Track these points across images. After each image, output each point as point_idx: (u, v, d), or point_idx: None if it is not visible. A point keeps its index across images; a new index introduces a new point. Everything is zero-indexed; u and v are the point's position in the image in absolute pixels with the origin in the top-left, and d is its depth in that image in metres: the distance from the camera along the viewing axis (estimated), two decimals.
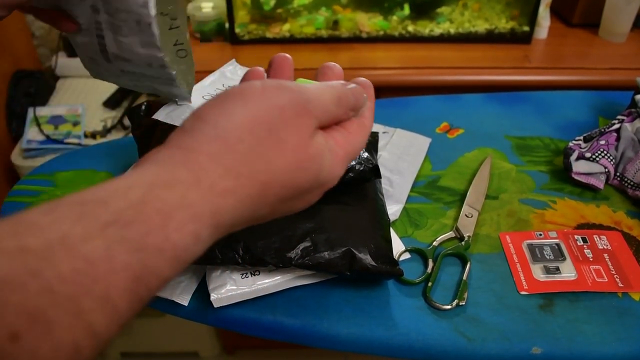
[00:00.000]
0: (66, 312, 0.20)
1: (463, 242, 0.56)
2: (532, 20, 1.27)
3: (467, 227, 0.58)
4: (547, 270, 0.53)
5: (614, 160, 0.64)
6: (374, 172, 0.58)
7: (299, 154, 0.30)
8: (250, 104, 0.29)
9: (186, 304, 0.50)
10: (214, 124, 0.29)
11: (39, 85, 1.31)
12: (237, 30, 1.28)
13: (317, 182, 0.32)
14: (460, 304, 0.50)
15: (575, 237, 0.57)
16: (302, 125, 0.31)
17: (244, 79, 0.37)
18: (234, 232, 0.51)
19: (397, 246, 0.56)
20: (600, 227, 0.59)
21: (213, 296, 0.48)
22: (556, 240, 0.57)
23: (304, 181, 0.31)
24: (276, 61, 0.39)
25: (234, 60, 0.67)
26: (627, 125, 0.66)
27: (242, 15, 1.30)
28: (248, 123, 0.29)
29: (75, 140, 1.19)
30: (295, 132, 0.30)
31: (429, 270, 0.53)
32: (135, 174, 0.26)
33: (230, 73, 0.64)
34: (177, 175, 0.26)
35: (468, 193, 0.63)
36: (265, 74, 0.38)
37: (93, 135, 1.22)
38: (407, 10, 1.31)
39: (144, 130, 0.60)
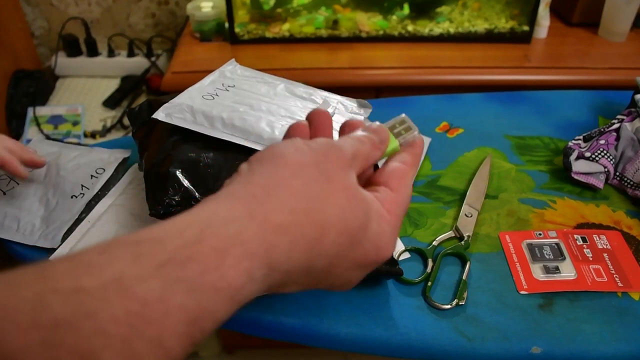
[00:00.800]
0: (118, 354, 0.21)
1: (463, 242, 0.56)
2: (532, 20, 1.27)
3: (466, 226, 0.58)
4: (547, 270, 0.53)
5: (613, 160, 0.64)
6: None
7: (348, 193, 0.30)
8: (298, 150, 0.31)
9: None
10: (269, 163, 0.29)
11: (38, 85, 1.31)
12: (236, 29, 1.28)
13: (370, 237, 0.31)
14: (460, 303, 0.50)
15: (575, 236, 0.57)
16: (347, 170, 0.31)
17: (288, 133, 0.37)
18: None
19: (397, 246, 0.56)
20: (599, 226, 0.59)
21: None
22: (556, 240, 0.57)
23: (356, 227, 0.30)
24: (316, 119, 0.38)
25: (233, 60, 0.67)
26: (626, 124, 0.66)
27: (241, 14, 1.30)
28: (300, 164, 0.30)
29: (75, 140, 1.19)
30: (342, 172, 0.31)
31: (428, 269, 0.53)
32: (194, 212, 0.26)
33: (230, 73, 0.64)
34: (233, 210, 0.26)
35: (468, 192, 0.63)
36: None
37: (93, 135, 1.22)
38: (406, 9, 1.31)
39: (143, 130, 0.60)
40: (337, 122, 0.57)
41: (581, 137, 0.68)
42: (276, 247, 0.26)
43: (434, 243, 0.56)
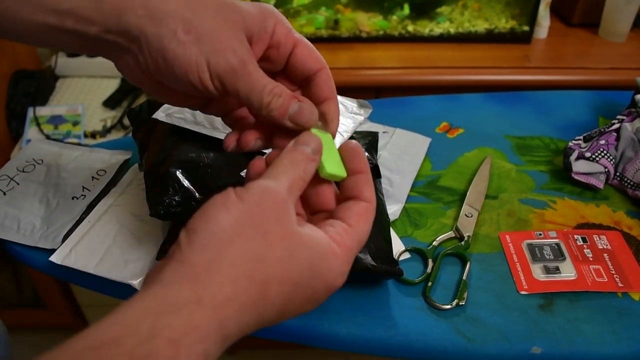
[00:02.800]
0: None
1: (463, 242, 0.56)
2: (532, 20, 1.27)
3: (466, 226, 0.58)
4: (547, 270, 0.53)
5: (613, 160, 0.64)
6: (374, 171, 0.58)
7: (286, 242, 0.31)
8: (230, 208, 0.30)
9: None
10: (204, 233, 0.30)
11: (38, 85, 1.31)
12: None
13: (317, 276, 0.32)
14: (460, 303, 0.50)
15: (575, 236, 0.57)
16: (283, 215, 0.31)
17: (248, 171, 0.37)
18: None
19: (397, 246, 0.56)
20: (600, 226, 0.59)
21: None
22: (556, 240, 0.57)
23: (298, 273, 0.31)
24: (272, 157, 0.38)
25: None
26: (627, 125, 0.66)
27: None
28: (234, 226, 0.30)
29: (75, 140, 1.19)
30: (278, 222, 0.31)
31: (428, 270, 0.53)
32: (144, 300, 0.27)
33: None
34: (181, 295, 0.27)
35: (468, 193, 0.63)
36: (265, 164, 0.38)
37: (93, 135, 1.22)
38: (407, 10, 1.31)
39: (143, 130, 0.60)
40: None
41: (581, 137, 0.68)
42: (226, 319, 0.28)
43: (434, 243, 0.56)
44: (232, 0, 0.37)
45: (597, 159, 0.63)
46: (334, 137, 0.40)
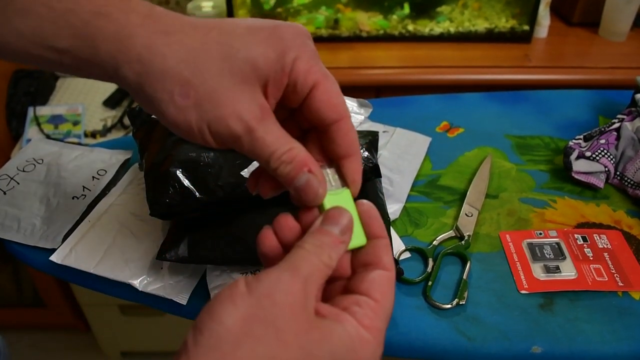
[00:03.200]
0: None
1: (463, 242, 0.56)
2: (532, 20, 1.27)
3: (467, 226, 0.58)
4: (547, 270, 0.53)
5: (614, 160, 0.64)
6: (374, 171, 0.58)
7: (302, 340, 0.28)
8: (239, 304, 0.28)
9: (185, 303, 0.50)
10: (209, 334, 0.27)
11: (39, 84, 1.31)
12: None
13: None
14: (461, 303, 0.50)
15: (576, 236, 0.57)
16: (299, 310, 0.28)
17: (260, 243, 0.34)
18: (233, 231, 0.51)
19: (397, 245, 0.56)
20: (600, 226, 0.59)
21: (214, 296, 0.48)
22: (556, 239, 0.57)
23: None
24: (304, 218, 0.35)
25: None
26: (627, 124, 0.66)
27: (242, 14, 1.30)
28: (242, 324, 0.27)
29: (75, 140, 1.19)
30: (293, 318, 0.28)
31: (429, 269, 0.53)
32: None
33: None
34: None
35: (468, 192, 0.63)
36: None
37: (93, 135, 1.22)
38: (407, 9, 1.31)
39: (144, 129, 0.60)
40: None
41: (581, 136, 0.68)
42: None
43: (434, 243, 0.56)
44: (244, 42, 0.33)
45: (598, 158, 0.63)
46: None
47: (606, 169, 0.63)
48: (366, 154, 0.59)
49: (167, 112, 0.32)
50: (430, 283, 0.51)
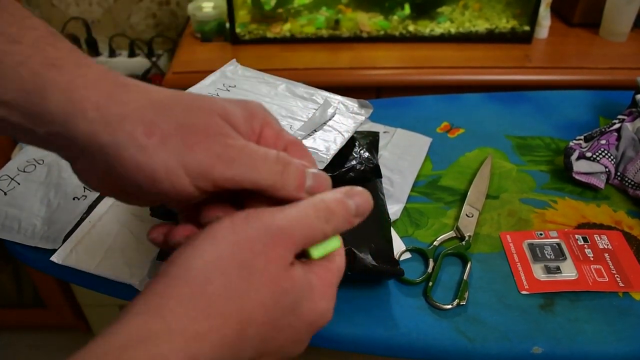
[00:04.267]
0: None
1: (464, 242, 0.56)
2: (533, 20, 1.27)
3: (467, 226, 0.58)
4: (548, 270, 0.53)
5: (614, 160, 0.64)
6: (375, 171, 0.58)
7: (274, 287, 0.28)
8: (219, 241, 0.28)
9: None
10: (184, 267, 0.28)
11: None
12: (237, 30, 1.28)
13: (300, 317, 0.30)
14: (461, 303, 0.50)
15: (576, 236, 0.57)
16: (275, 257, 0.29)
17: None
18: None
19: (398, 246, 0.56)
20: (600, 226, 0.59)
21: None
22: (557, 240, 0.57)
23: (280, 316, 0.29)
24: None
25: (234, 60, 0.67)
26: (627, 124, 0.66)
27: (242, 15, 1.30)
28: (217, 262, 0.28)
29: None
30: (269, 266, 0.28)
31: (429, 270, 0.53)
32: (111, 334, 0.25)
33: (231, 73, 0.64)
34: (150, 326, 0.26)
35: (469, 193, 0.63)
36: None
37: None
38: (407, 10, 1.31)
39: None
40: (337, 123, 0.57)
41: (582, 137, 0.68)
42: (197, 353, 0.26)
43: (434, 243, 0.56)
44: (212, 98, 0.32)
45: (598, 158, 0.63)
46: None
47: (607, 170, 0.63)
48: (367, 154, 0.59)
49: (128, 154, 0.28)
50: (430, 283, 0.51)
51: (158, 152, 0.29)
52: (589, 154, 0.64)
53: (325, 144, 0.53)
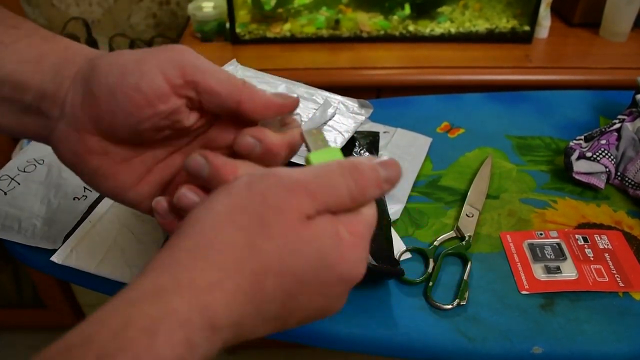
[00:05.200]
0: None
1: (464, 242, 0.56)
2: (533, 20, 1.27)
3: (467, 226, 0.58)
4: (548, 270, 0.53)
5: (614, 160, 0.64)
6: None
7: (288, 236, 0.28)
8: (233, 194, 0.28)
9: None
10: (195, 220, 0.28)
11: None
12: (237, 30, 1.28)
13: (327, 269, 0.29)
14: (461, 303, 0.50)
15: (576, 236, 0.57)
16: (289, 208, 0.28)
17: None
18: None
19: (398, 246, 0.56)
20: (601, 226, 0.59)
21: None
22: (557, 240, 0.57)
23: (301, 268, 0.28)
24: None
25: (234, 60, 0.67)
26: (627, 124, 0.66)
27: (242, 15, 1.30)
28: (229, 213, 0.27)
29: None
30: (281, 216, 0.28)
31: (429, 269, 0.53)
32: (123, 292, 0.25)
33: (231, 73, 0.64)
34: (160, 281, 0.25)
35: (469, 193, 0.63)
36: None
37: None
38: (407, 9, 1.31)
39: None
40: (337, 123, 0.57)
41: (582, 137, 0.68)
42: (210, 305, 0.25)
43: (435, 243, 0.56)
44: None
45: (598, 158, 0.63)
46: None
47: (607, 170, 0.63)
48: (367, 154, 0.59)
49: (102, 62, 0.33)
50: (431, 283, 0.51)
51: (130, 54, 0.33)
52: (589, 154, 0.64)
53: None
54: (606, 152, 0.64)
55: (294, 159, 0.49)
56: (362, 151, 0.59)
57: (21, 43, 0.34)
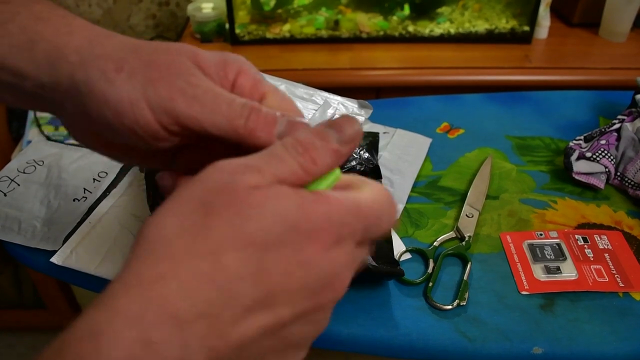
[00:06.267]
0: None
1: (464, 242, 0.56)
2: (533, 20, 1.27)
3: (467, 227, 0.58)
4: (548, 270, 0.53)
5: (614, 160, 0.64)
6: (375, 172, 0.59)
7: (235, 206, 0.25)
8: (174, 195, 0.26)
9: None
10: (142, 236, 0.25)
11: None
12: (237, 30, 1.28)
13: (295, 230, 0.25)
14: (461, 304, 0.50)
15: (576, 236, 0.57)
16: (233, 184, 0.25)
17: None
18: None
19: (398, 246, 0.56)
20: (600, 226, 0.59)
21: None
22: (557, 240, 0.57)
23: (261, 235, 0.25)
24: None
25: None
26: (627, 124, 0.66)
27: (242, 15, 1.30)
28: (169, 209, 0.26)
29: (76, 141, 1.19)
30: (223, 192, 0.25)
31: (429, 270, 0.53)
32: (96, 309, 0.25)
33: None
34: (109, 288, 0.25)
35: (468, 193, 0.63)
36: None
37: None
38: (407, 10, 1.31)
39: None
40: None
41: (582, 137, 0.68)
42: (167, 296, 0.23)
43: (435, 244, 0.56)
44: (186, 44, 0.33)
45: (598, 158, 0.63)
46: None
47: (607, 170, 0.63)
48: (367, 155, 0.59)
49: (97, 88, 0.30)
50: (430, 284, 0.51)
51: (124, 85, 0.30)
52: (589, 154, 0.64)
53: None
54: (606, 152, 0.64)
55: None
56: (361, 152, 0.59)
57: (11, 24, 0.32)
